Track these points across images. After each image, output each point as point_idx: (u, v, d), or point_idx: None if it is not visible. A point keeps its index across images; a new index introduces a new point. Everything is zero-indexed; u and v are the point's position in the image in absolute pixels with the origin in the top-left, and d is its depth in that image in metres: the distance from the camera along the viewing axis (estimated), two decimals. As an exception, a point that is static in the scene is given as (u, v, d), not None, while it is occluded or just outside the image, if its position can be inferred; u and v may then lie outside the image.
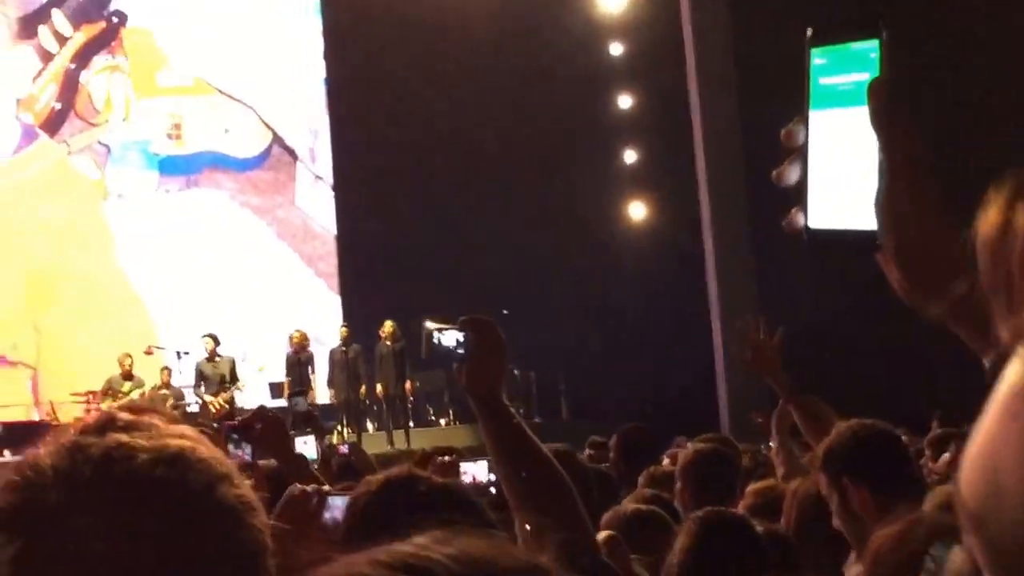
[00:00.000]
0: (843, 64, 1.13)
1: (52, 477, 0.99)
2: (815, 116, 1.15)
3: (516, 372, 13.83)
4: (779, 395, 3.98)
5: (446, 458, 5.28)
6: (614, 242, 17.05)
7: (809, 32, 1.16)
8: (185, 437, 1.04)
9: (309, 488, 2.10)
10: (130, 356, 13.46)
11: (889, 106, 1.09)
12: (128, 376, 13.38)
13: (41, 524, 0.97)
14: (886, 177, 1.09)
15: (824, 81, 1.14)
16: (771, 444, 4.73)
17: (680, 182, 15.95)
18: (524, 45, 16.18)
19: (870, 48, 1.12)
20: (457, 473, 4.97)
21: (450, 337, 2.17)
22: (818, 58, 1.15)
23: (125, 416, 1.05)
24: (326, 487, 2.14)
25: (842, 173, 1.12)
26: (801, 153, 1.15)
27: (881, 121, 1.09)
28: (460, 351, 2.16)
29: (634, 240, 17.12)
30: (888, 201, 1.09)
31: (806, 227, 1.15)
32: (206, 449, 1.04)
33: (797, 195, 1.16)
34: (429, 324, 2.16)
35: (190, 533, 0.99)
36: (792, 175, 1.17)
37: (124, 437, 1.02)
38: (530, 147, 16.35)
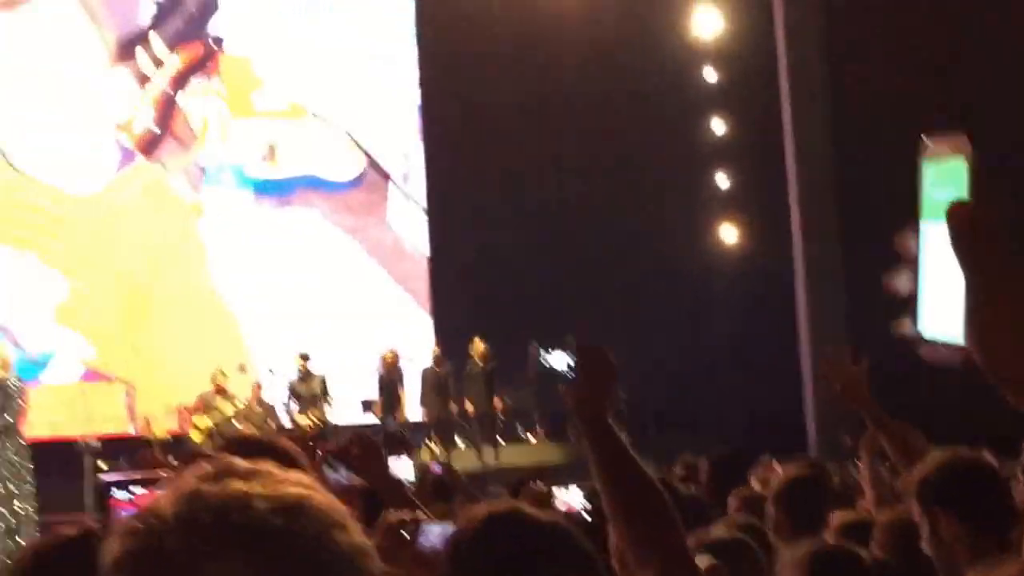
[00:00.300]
0: (946, 178, 1.12)
1: (172, 523, 1.01)
2: (926, 227, 1.13)
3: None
4: (868, 422, 3.93)
5: (540, 485, 5.25)
6: (705, 265, 16.99)
7: (921, 142, 1.14)
8: (300, 485, 1.07)
9: (405, 516, 2.12)
10: (223, 372, 13.69)
11: (967, 234, 1.06)
12: (221, 392, 13.59)
13: (161, 570, 1.00)
14: (968, 305, 1.06)
15: (933, 192, 1.13)
16: (859, 465, 4.69)
17: (772, 207, 15.86)
18: (618, 71, 16.23)
19: (962, 166, 1.10)
20: (552, 502, 4.95)
21: (559, 359, 2.18)
22: (927, 169, 1.15)
23: (242, 464, 1.08)
24: (421, 513, 2.15)
25: (951, 285, 1.09)
26: (913, 264, 1.14)
27: (959, 248, 1.06)
28: (569, 373, 2.15)
29: (725, 263, 17.06)
30: (972, 327, 1.06)
31: (920, 336, 1.14)
32: (321, 497, 1.06)
33: (907, 305, 1.15)
34: (538, 345, 2.18)
35: None
36: (904, 285, 1.15)
37: (242, 485, 1.04)
38: (623, 170, 16.38)
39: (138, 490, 10.21)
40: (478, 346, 14.74)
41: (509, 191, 16.23)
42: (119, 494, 10.31)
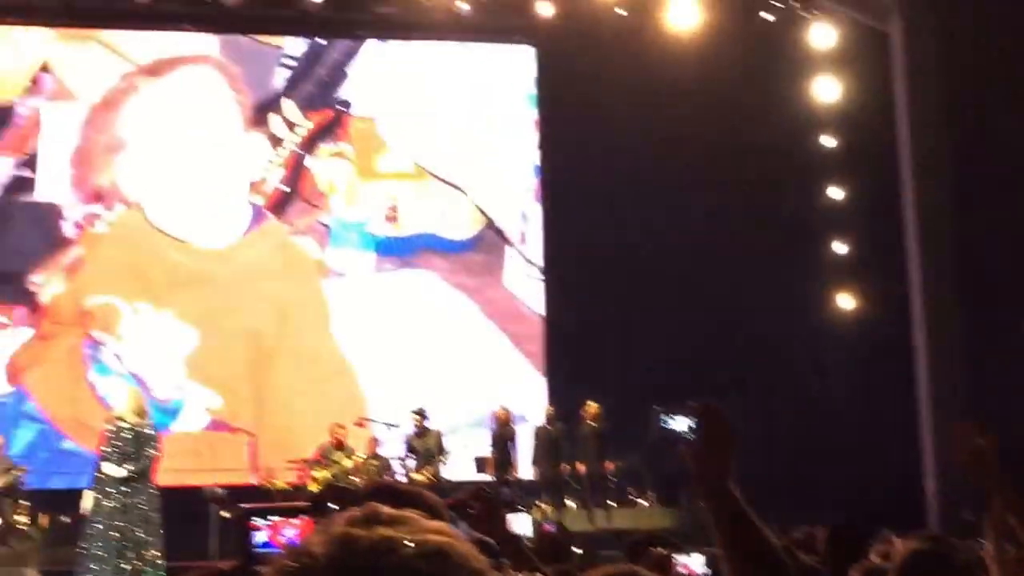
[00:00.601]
0: None
1: (324, 564, 1.07)
2: None
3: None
4: (996, 499, 3.82)
5: (661, 551, 5.19)
6: (822, 332, 16.86)
7: None
8: (443, 533, 1.12)
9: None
10: (341, 426, 14.00)
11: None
12: (339, 446, 13.88)
13: None
14: None
15: None
16: (983, 542, 4.59)
17: (891, 275, 15.75)
18: (736, 135, 16.25)
19: None
20: (672, 567, 4.89)
21: (681, 422, 2.21)
22: None
23: (388, 511, 1.14)
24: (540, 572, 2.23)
25: None
26: None
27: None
28: (689, 436, 2.19)
29: (842, 331, 16.89)
30: None
31: None
32: (462, 546, 1.12)
33: None
34: (660, 408, 2.22)
35: None
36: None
37: (389, 531, 1.10)
38: (739, 235, 16.38)
39: (275, 518, 10.72)
40: (591, 407, 14.84)
41: (625, 254, 16.32)
42: (257, 520, 10.76)
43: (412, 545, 1.08)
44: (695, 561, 4.98)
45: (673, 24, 15.91)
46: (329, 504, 11.08)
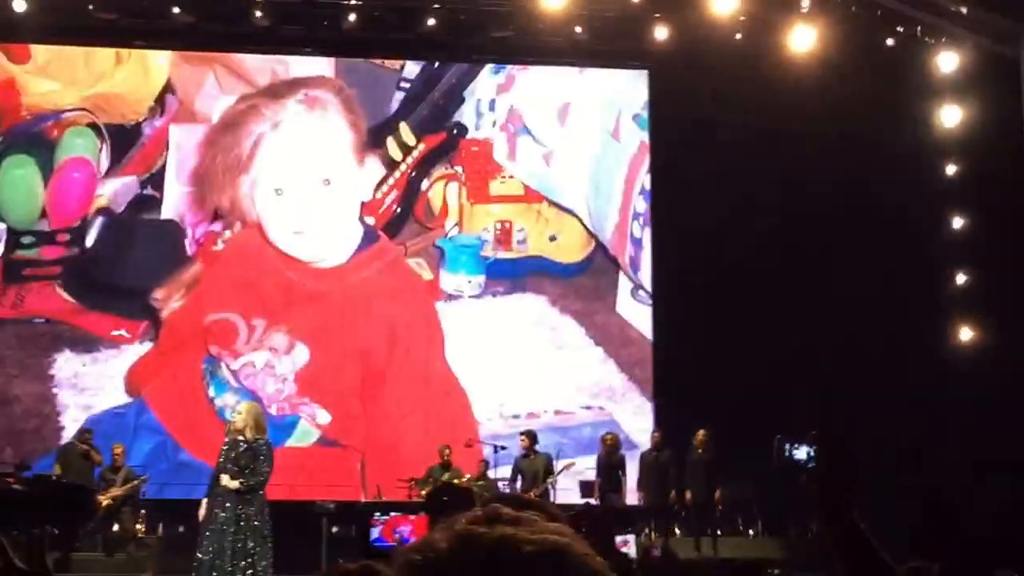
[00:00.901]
0: None
1: (447, 558, 1.10)
2: None
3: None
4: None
5: (776, 572, 5.21)
6: (941, 364, 16.49)
7: None
8: (562, 534, 1.14)
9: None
10: (449, 447, 14.15)
11: None
12: (446, 467, 14.03)
13: None
14: None
15: None
16: None
17: (1013, 306, 15.38)
18: (853, 163, 16.06)
19: None
20: None
21: (802, 451, 2.26)
22: None
23: (509, 511, 1.17)
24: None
25: None
26: None
27: None
28: (810, 465, 2.23)
29: (963, 363, 16.50)
30: None
31: None
32: (581, 546, 1.14)
33: None
34: (782, 437, 2.24)
35: None
36: None
37: (510, 529, 1.12)
38: (855, 265, 16.15)
39: (394, 512, 12.35)
40: (700, 435, 14.76)
41: (735, 280, 16.19)
42: (378, 515, 12.34)
43: (533, 543, 1.10)
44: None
45: (790, 49, 15.76)
46: (444, 499, 11.52)
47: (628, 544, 12.41)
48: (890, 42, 16.29)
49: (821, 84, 15.57)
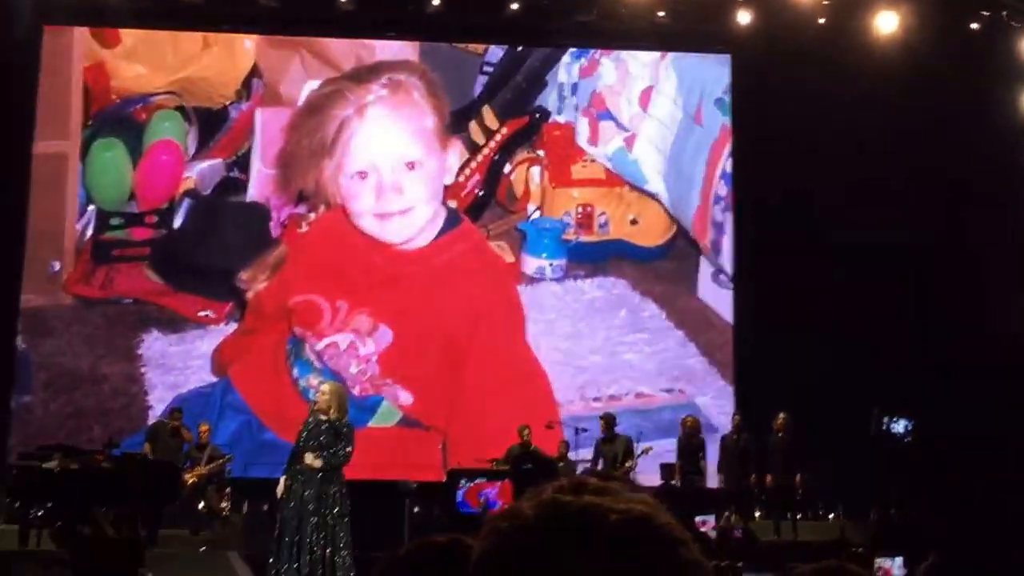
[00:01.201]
0: None
1: (533, 525, 1.12)
2: None
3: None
4: None
5: (859, 550, 5.25)
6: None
7: None
8: (646, 504, 1.15)
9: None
10: (528, 427, 14.26)
11: None
12: (526, 447, 14.13)
13: (524, 564, 1.11)
14: None
15: None
16: None
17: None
18: (937, 148, 15.87)
19: None
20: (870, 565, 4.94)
21: (900, 424, 2.31)
22: None
23: (595, 481, 1.18)
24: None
25: None
26: None
27: None
28: (907, 438, 2.28)
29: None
30: None
31: None
32: (665, 516, 1.15)
33: None
34: (880, 409, 2.28)
35: None
36: None
37: (596, 499, 1.14)
38: (935, 249, 15.97)
39: (479, 479, 12.88)
40: (780, 419, 14.72)
41: (818, 264, 16.10)
42: (463, 480, 12.92)
43: (618, 512, 1.12)
44: (895, 563, 5.03)
45: (873, 33, 15.59)
46: (528, 466, 11.91)
47: (708, 525, 12.48)
48: (975, 26, 16.04)
49: (904, 68, 15.39)
